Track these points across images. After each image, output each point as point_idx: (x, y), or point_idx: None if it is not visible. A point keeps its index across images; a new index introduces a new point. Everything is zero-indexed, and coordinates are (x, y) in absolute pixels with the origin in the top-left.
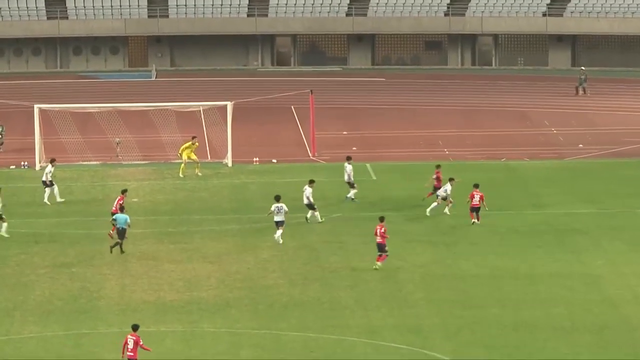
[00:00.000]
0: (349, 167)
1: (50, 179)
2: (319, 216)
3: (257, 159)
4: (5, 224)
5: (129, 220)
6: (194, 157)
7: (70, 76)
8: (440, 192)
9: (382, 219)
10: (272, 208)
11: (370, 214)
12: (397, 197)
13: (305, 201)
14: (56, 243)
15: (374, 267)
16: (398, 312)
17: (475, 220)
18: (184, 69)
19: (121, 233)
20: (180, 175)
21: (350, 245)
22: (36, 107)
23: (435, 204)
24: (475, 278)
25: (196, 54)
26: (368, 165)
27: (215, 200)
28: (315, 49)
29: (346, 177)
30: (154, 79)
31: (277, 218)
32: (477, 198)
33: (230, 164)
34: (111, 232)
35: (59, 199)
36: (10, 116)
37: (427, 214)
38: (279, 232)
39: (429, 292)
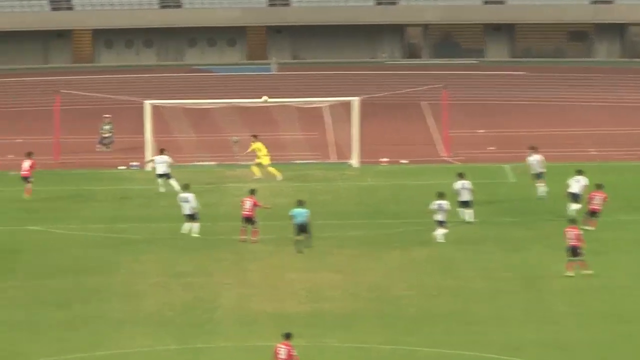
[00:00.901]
0: (534, 158)
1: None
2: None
3: (386, 159)
4: (196, 224)
5: (308, 214)
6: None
7: (184, 69)
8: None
9: (573, 222)
10: (433, 206)
11: (508, 219)
12: (538, 201)
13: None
14: (170, 250)
15: (567, 274)
16: (541, 326)
17: (591, 227)
18: (307, 62)
19: (302, 228)
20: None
21: (486, 253)
22: (147, 102)
23: (576, 205)
24: (626, 289)
25: (320, 45)
26: (507, 166)
27: (340, 204)
28: (448, 39)
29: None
30: (274, 72)
31: (437, 217)
32: (598, 200)
33: (356, 165)
34: (242, 236)
35: (177, 188)
36: (119, 113)
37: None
38: (441, 231)
39: (574, 305)
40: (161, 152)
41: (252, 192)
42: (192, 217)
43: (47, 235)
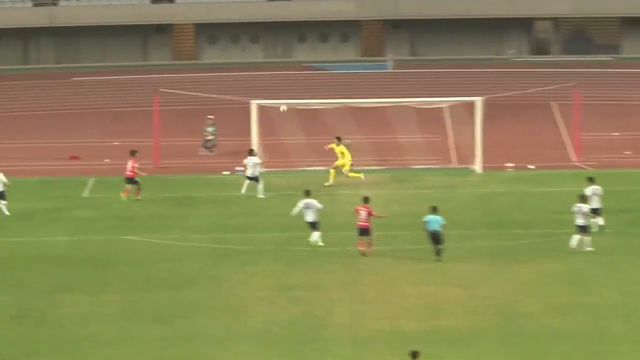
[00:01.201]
0: None
1: (257, 173)
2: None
3: (511, 164)
4: (317, 233)
5: (443, 222)
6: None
7: (293, 67)
8: None
9: None
10: (574, 208)
11: None
12: None
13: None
14: (278, 261)
15: None
16: None
17: None
18: (426, 59)
19: (436, 237)
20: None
21: (620, 266)
22: (253, 102)
23: None
24: None
25: (441, 41)
26: None
27: (462, 213)
28: (581, 34)
29: None
30: (390, 70)
31: (578, 221)
32: None
33: (479, 171)
34: (360, 248)
35: (260, 195)
36: (224, 113)
37: None
38: (577, 237)
39: None
40: (250, 152)
41: (366, 200)
42: (314, 226)
43: (144, 245)
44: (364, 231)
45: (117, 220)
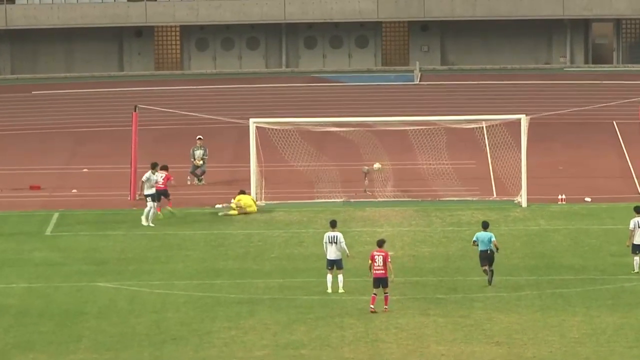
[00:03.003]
0: None
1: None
2: None
3: (564, 196)
4: (341, 276)
5: (494, 239)
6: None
7: (300, 79)
8: None
9: None
10: (631, 224)
11: None
12: None
13: None
14: (278, 313)
15: None
16: None
17: None
18: (460, 69)
19: (487, 258)
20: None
21: None
22: (252, 122)
23: None
24: None
25: (477, 47)
26: None
27: (504, 255)
28: None
29: None
30: (416, 82)
31: (637, 239)
32: None
33: (524, 204)
34: (372, 305)
35: (145, 223)
36: (216, 134)
37: None
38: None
39: None
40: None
41: (381, 243)
42: (335, 265)
43: (120, 293)
44: (380, 281)
45: (86, 263)
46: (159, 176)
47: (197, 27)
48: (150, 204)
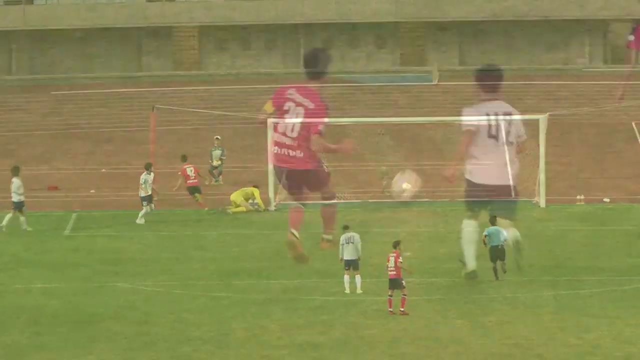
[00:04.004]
0: None
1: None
2: None
3: (582, 196)
4: (359, 277)
5: (505, 235)
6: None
7: None
8: None
9: None
10: None
11: None
12: None
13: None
14: (295, 312)
15: None
16: None
17: None
18: (478, 69)
19: (498, 253)
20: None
21: None
22: (270, 122)
23: None
24: None
25: (495, 47)
26: None
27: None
28: None
29: None
30: (435, 82)
31: None
32: None
33: (542, 204)
34: (390, 309)
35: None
36: (233, 135)
37: None
38: None
39: None
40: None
41: (396, 244)
42: (352, 265)
43: (138, 294)
44: (393, 282)
45: (103, 264)
46: (190, 170)
47: (215, 28)
48: (146, 208)
